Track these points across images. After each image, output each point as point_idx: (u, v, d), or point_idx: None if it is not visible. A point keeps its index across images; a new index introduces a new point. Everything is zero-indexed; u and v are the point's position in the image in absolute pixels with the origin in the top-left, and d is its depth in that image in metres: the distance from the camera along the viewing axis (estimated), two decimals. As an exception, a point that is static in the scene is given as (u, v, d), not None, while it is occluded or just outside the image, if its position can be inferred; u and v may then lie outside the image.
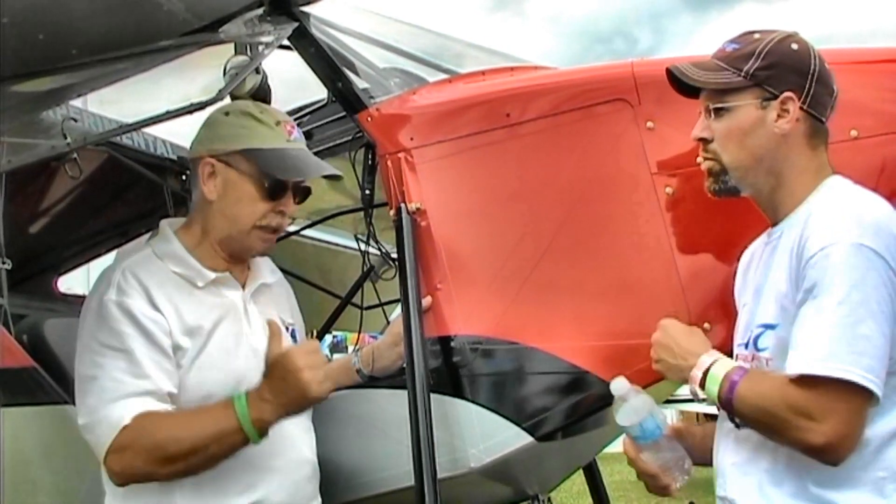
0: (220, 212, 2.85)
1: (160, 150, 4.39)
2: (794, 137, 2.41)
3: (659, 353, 2.54)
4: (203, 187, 2.86)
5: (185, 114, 2.86)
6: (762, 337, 2.38)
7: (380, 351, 3.14)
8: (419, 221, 3.05)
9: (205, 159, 2.85)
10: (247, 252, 2.91)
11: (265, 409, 2.61)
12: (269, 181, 2.82)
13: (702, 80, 2.47)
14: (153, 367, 2.66)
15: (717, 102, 2.45)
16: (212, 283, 2.83)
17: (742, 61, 2.43)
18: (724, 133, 2.45)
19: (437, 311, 3.01)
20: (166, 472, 2.63)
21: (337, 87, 3.26)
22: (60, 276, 4.86)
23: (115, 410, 2.61)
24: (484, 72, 3.49)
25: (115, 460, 2.61)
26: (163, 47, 2.86)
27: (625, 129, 2.95)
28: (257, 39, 3.04)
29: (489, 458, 2.94)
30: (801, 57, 2.42)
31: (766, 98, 2.40)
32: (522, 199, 3.05)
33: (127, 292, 2.70)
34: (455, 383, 2.97)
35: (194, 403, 2.69)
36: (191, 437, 2.61)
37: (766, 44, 2.42)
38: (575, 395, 2.93)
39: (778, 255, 2.38)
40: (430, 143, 3.12)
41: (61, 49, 2.71)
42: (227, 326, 2.80)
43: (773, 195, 2.46)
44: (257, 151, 2.82)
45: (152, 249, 2.86)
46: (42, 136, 2.94)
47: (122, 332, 2.66)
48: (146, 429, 2.60)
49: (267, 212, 2.84)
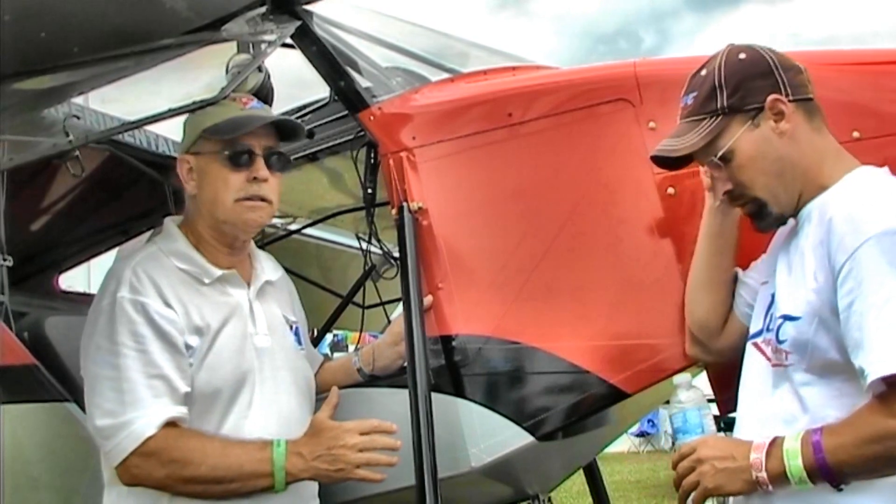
0: (203, 201, 2.88)
1: (162, 149, 4.39)
2: (797, 131, 2.38)
3: (717, 466, 2.28)
4: (186, 186, 2.91)
5: (188, 112, 2.87)
6: (783, 328, 2.31)
7: (380, 350, 3.14)
8: (421, 221, 3.05)
9: (180, 158, 2.91)
10: (243, 230, 2.90)
11: (298, 463, 2.66)
12: (229, 150, 2.83)
13: (690, 144, 2.41)
14: (170, 367, 2.67)
15: (717, 151, 2.39)
16: (217, 280, 2.84)
17: (709, 102, 2.39)
18: (740, 171, 2.39)
19: (438, 310, 3.01)
20: (180, 490, 2.66)
21: (339, 85, 3.26)
22: (61, 273, 4.86)
23: (139, 415, 2.61)
24: (486, 71, 3.49)
25: (135, 464, 2.62)
26: (165, 45, 2.87)
27: (627, 129, 2.95)
28: (260, 38, 3.04)
29: (490, 458, 2.93)
30: (755, 60, 2.40)
31: (753, 116, 2.37)
32: (524, 198, 3.05)
33: (140, 290, 2.70)
34: (456, 383, 2.97)
35: (204, 400, 2.71)
36: (222, 467, 2.64)
37: (717, 72, 2.39)
38: (576, 394, 2.92)
39: (805, 244, 2.31)
40: (431, 143, 3.12)
41: (63, 47, 2.71)
42: (233, 326, 2.80)
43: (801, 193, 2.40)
44: (213, 128, 2.84)
45: (158, 247, 2.86)
46: (44, 133, 2.94)
47: (138, 331, 2.66)
48: (177, 443, 2.63)
49: (241, 182, 2.84)
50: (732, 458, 2.26)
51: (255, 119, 2.88)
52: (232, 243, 2.91)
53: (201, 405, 2.72)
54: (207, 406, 2.72)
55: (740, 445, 2.29)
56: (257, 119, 2.88)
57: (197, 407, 2.71)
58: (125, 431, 2.61)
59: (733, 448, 2.29)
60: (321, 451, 2.67)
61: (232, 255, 2.92)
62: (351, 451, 2.67)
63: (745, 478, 2.24)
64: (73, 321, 3.68)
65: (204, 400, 2.72)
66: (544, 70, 3.54)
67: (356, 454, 2.67)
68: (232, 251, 2.91)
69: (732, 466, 2.26)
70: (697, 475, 2.30)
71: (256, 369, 2.79)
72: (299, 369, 2.95)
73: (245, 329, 2.83)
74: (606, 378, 2.87)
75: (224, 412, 2.74)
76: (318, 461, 2.67)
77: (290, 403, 2.85)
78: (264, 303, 2.93)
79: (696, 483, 2.30)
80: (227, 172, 2.84)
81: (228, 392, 2.74)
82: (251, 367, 2.79)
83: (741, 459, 2.25)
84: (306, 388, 2.96)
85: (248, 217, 2.86)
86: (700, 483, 2.29)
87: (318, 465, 2.67)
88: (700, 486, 2.29)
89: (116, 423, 2.63)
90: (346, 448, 2.67)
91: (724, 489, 2.28)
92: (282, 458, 2.65)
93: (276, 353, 2.88)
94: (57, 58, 2.77)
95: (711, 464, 2.28)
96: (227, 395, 2.74)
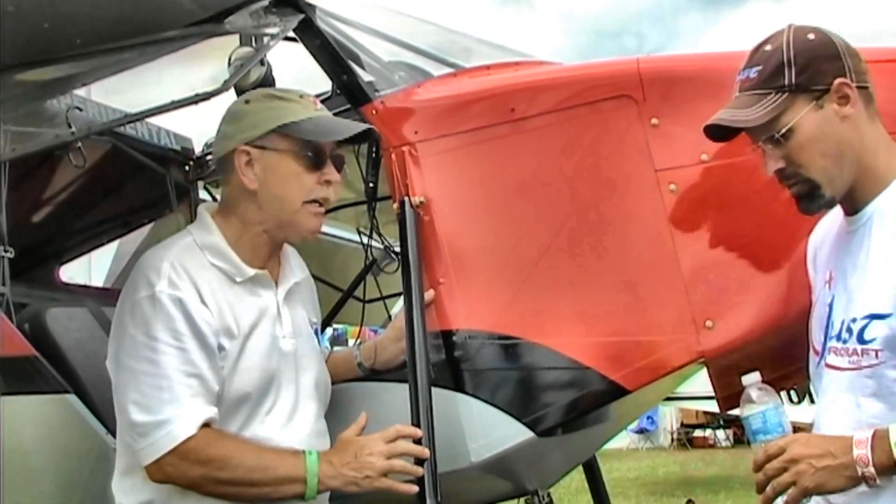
0: (265, 198, 2.81)
1: (164, 141, 4.39)
2: (857, 118, 2.36)
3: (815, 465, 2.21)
4: (242, 178, 2.81)
5: (190, 104, 2.85)
6: (869, 328, 2.27)
7: (383, 346, 3.13)
8: (422, 215, 3.04)
9: (239, 149, 2.81)
10: (299, 234, 2.88)
11: (329, 471, 2.68)
12: (310, 150, 2.80)
13: (754, 117, 2.37)
14: (206, 367, 2.66)
15: (780, 128, 2.36)
16: (249, 280, 2.81)
17: (775, 78, 2.37)
18: (798, 151, 2.36)
19: (439, 305, 3.00)
20: (213, 490, 2.66)
21: (342, 79, 3.25)
22: (62, 265, 4.86)
23: (177, 414, 2.60)
24: (489, 66, 3.48)
25: (170, 463, 2.61)
26: (168, 37, 2.86)
27: (629, 125, 2.94)
28: (262, 31, 3.04)
29: (489, 453, 2.94)
30: (824, 42, 2.38)
31: (819, 97, 2.35)
32: (526, 194, 3.05)
33: (179, 286, 2.67)
34: (456, 378, 2.97)
35: (230, 404, 2.71)
36: (258, 469, 2.65)
37: (785, 49, 2.37)
38: (576, 391, 2.92)
39: (880, 241, 2.30)
40: (434, 137, 3.11)
41: (66, 38, 2.70)
42: (262, 329, 2.79)
43: (853, 182, 2.38)
44: (292, 125, 2.80)
45: (193, 238, 2.82)
46: (46, 124, 2.94)
47: (177, 328, 2.64)
48: (216, 444, 2.63)
49: (314, 184, 2.82)
50: (831, 455, 2.20)
51: (347, 128, 2.86)
52: (281, 244, 2.90)
53: (228, 408, 2.71)
54: (233, 409, 2.72)
55: (836, 441, 2.23)
56: (350, 128, 2.86)
57: (224, 409, 2.70)
58: (163, 430, 2.60)
59: (829, 444, 2.23)
60: (349, 458, 2.69)
61: (271, 252, 2.90)
62: (377, 458, 2.68)
63: (849, 474, 2.18)
64: (73, 313, 3.68)
65: (232, 403, 2.71)
66: (547, 66, 3.54)
67: (382, 461, 2.68)
68: (273, 249, 2.89)
69: (833, 464, 2.20)
70: (793, 475, 2.22)
71: (282, 373, 2.79)
72: (320, 373, 2.94)
73: (273, 332, 2.81)
74: (607, 374, 2.87)
75: (249, 416, 2.74)
76: (346, 468, 2.68)
77: (308, 409, 2.85)
78: (291, 305, 2.91)
79: (790, 483, 2.23)
80: (301, 172, 2.80)
81: (256, 395, 2.74)
82: (277, 372, 2.78)
83: (841, 456, 2.19)
84: (324, 393, 2.95)
85: (311, 224, 2.86)
86: (798, 483, 2.22)
87: (347, 473, 2.68)
88: (798, 486, 2.22)
89: (154, 420, 2.61)
90: (373, 455, 2.68)
91: (825, 487, 2.22)
92: (315, 465, 2.67)
93: (301, 357, 2.87)
94: (60, 49, 2.76)
95: (809, 462, 2.21)
96: (255, 399, 2.75)
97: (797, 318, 2.72)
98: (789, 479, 2.23)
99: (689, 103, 2.93)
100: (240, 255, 2.81)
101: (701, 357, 2.87)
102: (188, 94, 2.81)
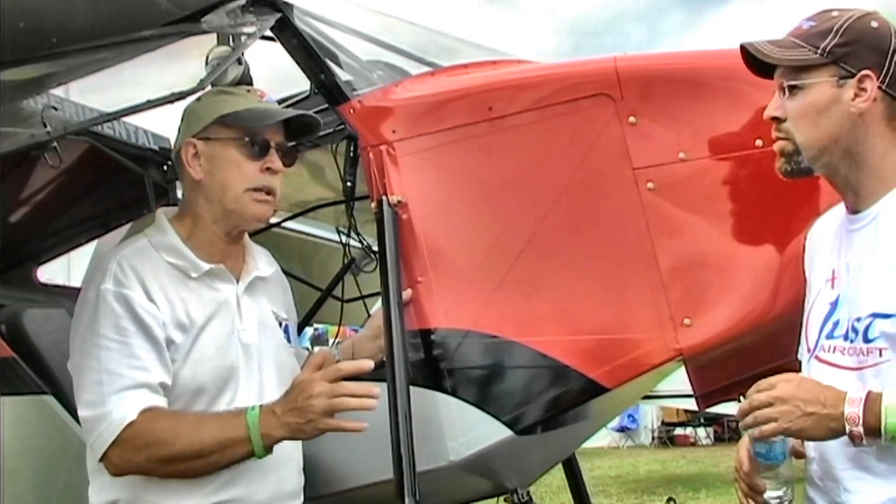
0: (210, 188, 2.84)
1: (141, 141, 4.37)
2: (871, 118, 2.33)
3: (803, 408, 2.18)
4: (189, 170, 2.86)
5: (167, 103, 2.85)
6: (873, 326, 2.26)
7: (361, 344, 3.14)
8: (401, 214, 3.05)
9: (185, 142, 2.86)
10: (247, 222, 2.89)
11: (273, 424, 2.63)
12: (249, 137, 2.83)
13: (776, 56, 2.37)
14: (151, 360, 2.67)
15: (791, 80, 2.35)
16: (205, 274, 2.82)
17: (819, 38, 2.34)
18: (797, 112, 2.35)
19: (417, 304, 3.00)
20: (165, 471, 2.66)
21: (319, 78, 3.24)
22: (40, 265, 4.83)
23: (117, 405, 2.61)
24: (467, 65, 3.49)
25: (117, 454, 2.62)
26: (145, 37, 2.85)
27: (607, 123, 2.95)
28: (240, 30, 3.03)
29: (468, 452, 2.94)
30: (881, 35, 2.34)
31: (843, 76, 2.32)
32: (504, 192, 3.05)
33: (124, 283, 2.69)
34: (435, 376, 2.97)
35: (186, 397, 2.71)
36: (196, 441, 2.63)
37: (844, 21, 2.34)
38: (555, 389, 2.93)
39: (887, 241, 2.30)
40: (412, 136, 3.11)
41: (42, 37, 2.69)
42: (219, 321, 2.80)
43: (851, 177, 2.36)
44: (233, 115, 2.84)
45: (148, 240, 2.84)
46: (22, 124, 2.92)
47: (120, 324, 2.66)
48: (152, 426, 2.62)
49: (256, 172, 2.83)
50: (821, 403, 2.17)
51: (279, 112, 2.90)
52: (230, 233, 2.89)
53: (186, 401, 2.72)
54: (191, 402, 2.72)
55: (828, 391, 2.20)
56: (282, 112, 2.90)
57: (181, 403, 2.71)
58: (105, 422, 2.62)
59: (821, 392, 2.20)
60: (291, 405, 2.63)
61: (227, 246, 2.90)
62: (318, 399, 2.60)
63: (834, 426, 2.16)
64: (51, 314, 3.67)
65: (188, 396, 2.72)
66: (525, 65, 3.54)
67: (323, 401, 2.60)
68: (228, 241, 2.89)
69: (821, 412, 2.17)
70: (776, 412, 2.19)
71: (242, 365, 2.79)
72: (286, 366, 2.93)
73: (232, 325, 2.82)
74: (585, 372, 2.88)
75: (207, 408, 2.74)
76: (289, 415, 2.62)
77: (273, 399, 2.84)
78: (253, 298, 2.91)
79: (772, 419, 2.20)
80: (243, 159, 2.83)
81: (213, 388, 2.74)
82: (236, 363, 2.78)
83: (830, 407, 2.16)
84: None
85: (255, 210, 2.85)
86: (777, 421, 2.19)
87: (289, 420, 2.62)
88: (776, 424, 2.20)
89: (97, 414, 2.63)
90: (313, 398, 2.60)
91: (805, 433, 2.21)
92: (255, 420, 2.62)
93: (263, 350, 2.87)
94: (35, 48, 2.75)
95: (796, 404, 2.18)
96: (212, 391, 2.74)
97: (780, 315, 2.74)
98: (772, 414, 2.20)
99: (667, 102, 2.95)
100: (195, 252, 2.83)
101: (679, 355, 2.89)
102: (165, 93, 2.81)
